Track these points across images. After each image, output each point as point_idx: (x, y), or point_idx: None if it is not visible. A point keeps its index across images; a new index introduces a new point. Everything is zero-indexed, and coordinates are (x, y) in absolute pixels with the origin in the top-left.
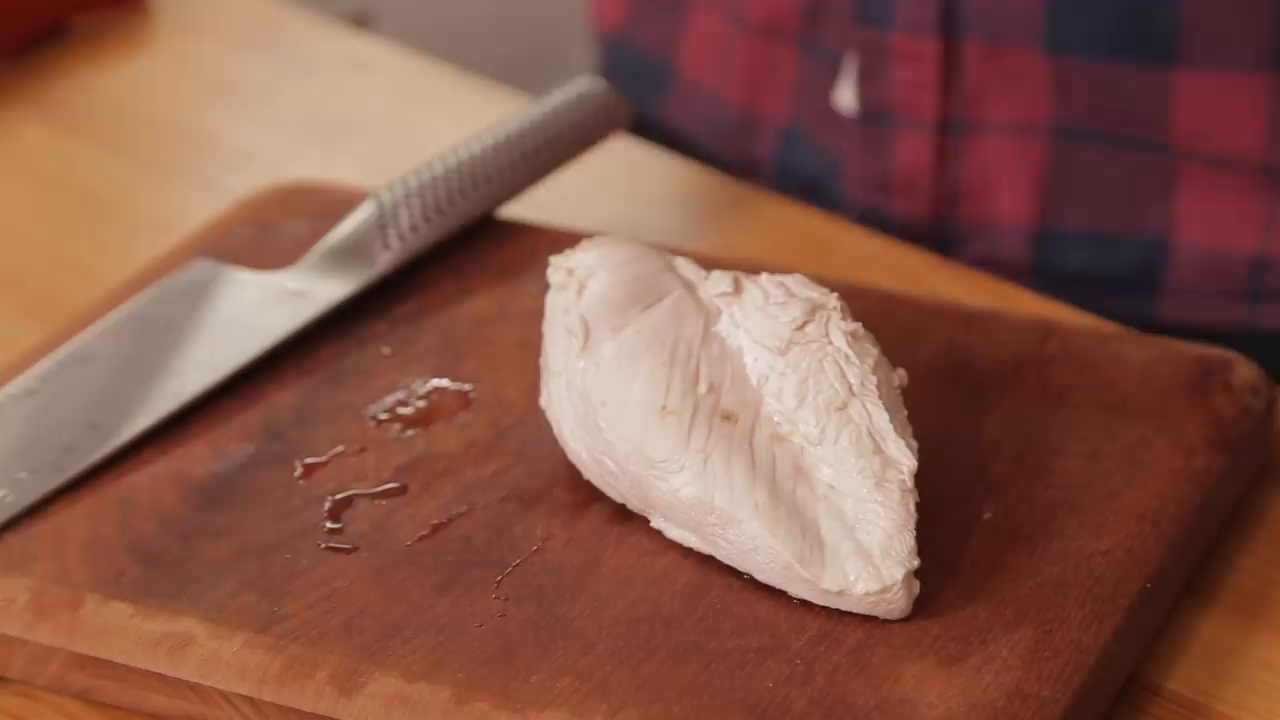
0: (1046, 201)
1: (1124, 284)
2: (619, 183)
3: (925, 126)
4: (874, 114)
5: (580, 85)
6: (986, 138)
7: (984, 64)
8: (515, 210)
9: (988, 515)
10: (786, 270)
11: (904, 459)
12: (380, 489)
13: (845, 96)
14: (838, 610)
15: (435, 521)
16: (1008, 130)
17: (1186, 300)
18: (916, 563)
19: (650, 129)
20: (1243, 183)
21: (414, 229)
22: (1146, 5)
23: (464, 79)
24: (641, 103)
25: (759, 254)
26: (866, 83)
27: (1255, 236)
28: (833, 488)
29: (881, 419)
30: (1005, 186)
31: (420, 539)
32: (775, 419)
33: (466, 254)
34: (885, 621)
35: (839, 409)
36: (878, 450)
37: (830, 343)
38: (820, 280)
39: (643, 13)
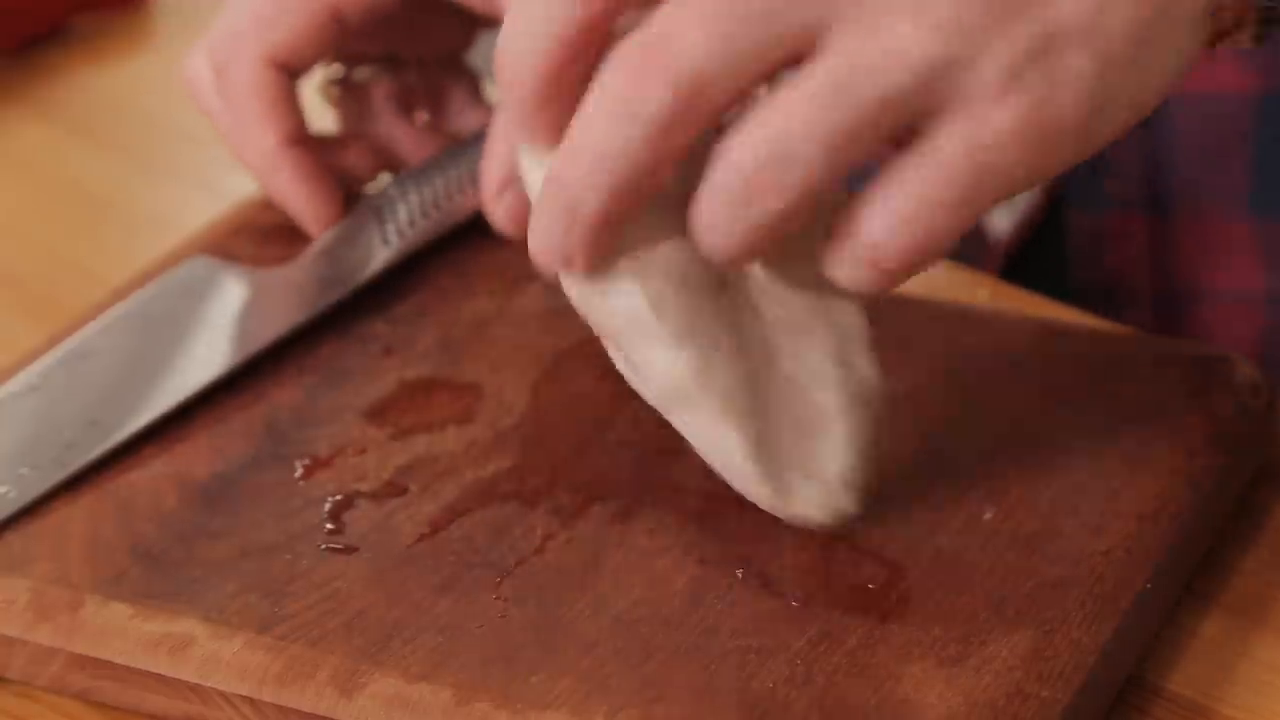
0: (1266, 364)
1: None
2: None
3: (1145, 301)
4: (1095, 290)
5: None
6: (1204, 307)
7: (1192, 234)
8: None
9: (988, 515)
10: None
11: (875, 378)
12: (381, 489)
13: (997, 221)
14: (838, 611)
15: (436, 522)
16: (1222, 298)
17: None
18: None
19: None
20: None
21: (412, 224)
22: None
23: None
24: None
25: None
26: (1080, 259)
27: None
28: (789, 380)
29: (860, 327)
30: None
31: (420, 539)
32: (751, 282)
33: (467, 253)
34: (886, 622)
35: (822, 299)
36: (848, 363)
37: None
38: None
39: None
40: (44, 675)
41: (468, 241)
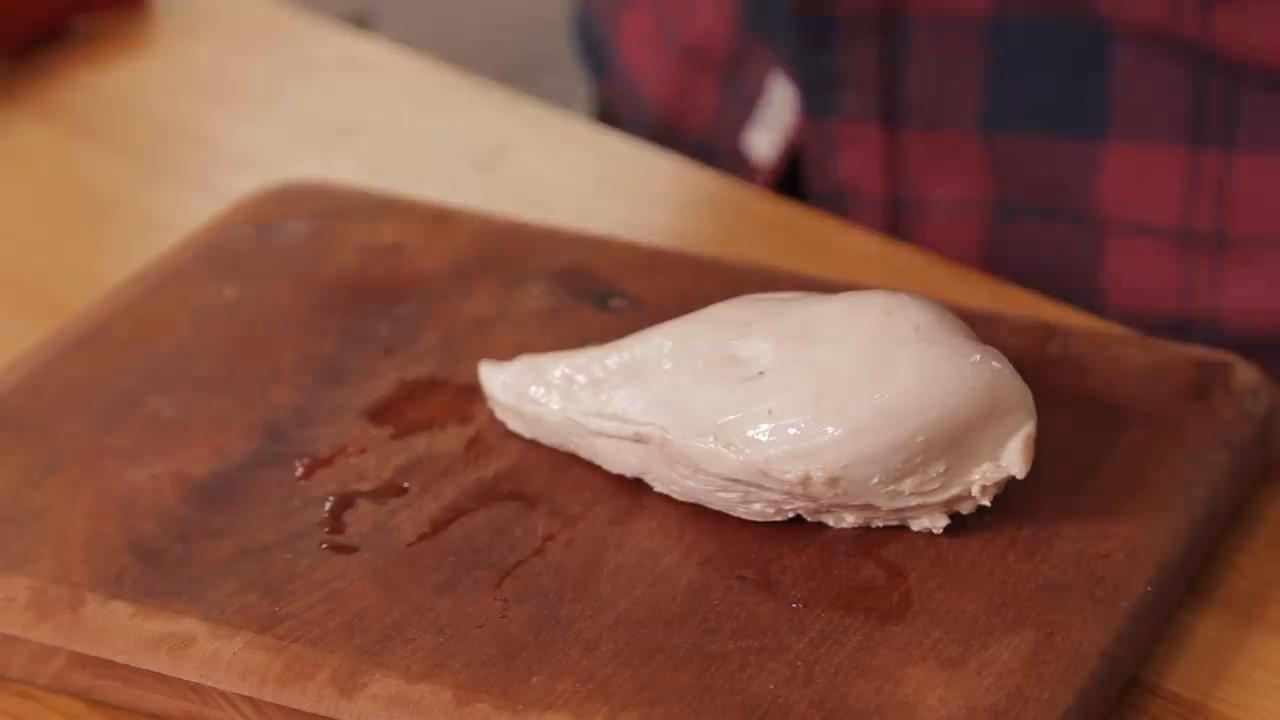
0: (987, 271)
1: None
2: (619, 183)
3: (875, 207)
4: (826, 194)
5: None
6: (931, 215)
7: (924, 145)
8: (515, 210)
9: (988, 518)
10: (786, 270)
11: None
12: (381, 489)
13: (758, 144)
14: (839, 612)
15: (436, 522)
16: (949, 207)
17: None
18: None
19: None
20: (1162, 247)
21: None
22: (1077, 84)
23: (464, 79)
24: (594, 78)
25: (759, 255)
26: (814, 168)
27: (1176, 298)
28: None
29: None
30: (949, 259)
31: (421, 539)
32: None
33: (466, 254)
34: (886, 624)
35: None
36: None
37: None
38: (820, 280)
39: None
40: (44, 674)
41: (468, 241)
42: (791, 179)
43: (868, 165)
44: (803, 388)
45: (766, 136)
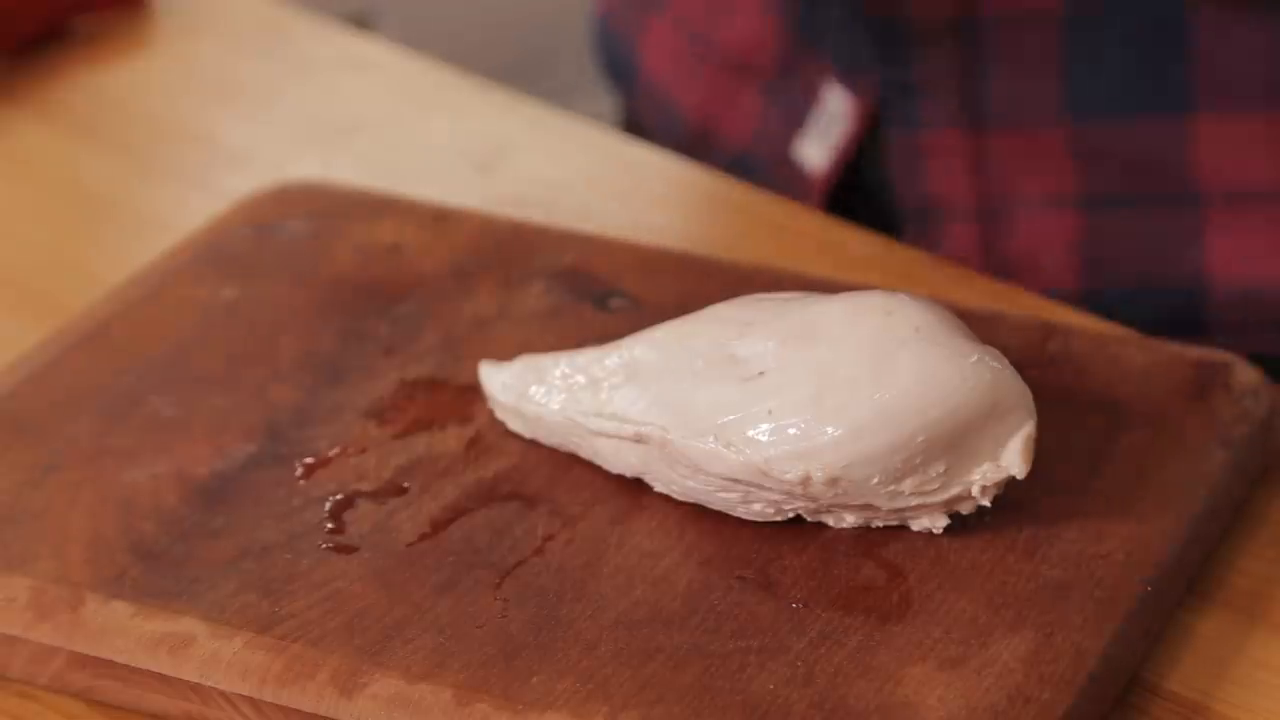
0: (1086, 265)
1: (1171, 327)
2: (619, 183)
3: (967, 216)
4: (912, 211)
5: None
6: (1024, 216)
7: (1010, 145)
8: (515, 210)
9: (988, 518)
10: (786, 271)
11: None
12: (381, 489)
13: (811, 154)
14: (839, 612)
15: (436, 522)
16: (1041, 205)
17: (1233, 336)
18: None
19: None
20: (1269, 215)
21: None
22: (1158, 59)
23: (464, 79)
24: (617, 89)
25: (759, 255)
26: (899, 184)
27: None
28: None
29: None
30: (1046, 258)
31: (421, 539)
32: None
33: (467, 254)
34: (886, 623)
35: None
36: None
37: None
38: (821, 281)
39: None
40: (44, 674)
41: (468, 241)
42: (843, 187)
43: (955, 173)
44: (803, 388)
45: (819, 146)
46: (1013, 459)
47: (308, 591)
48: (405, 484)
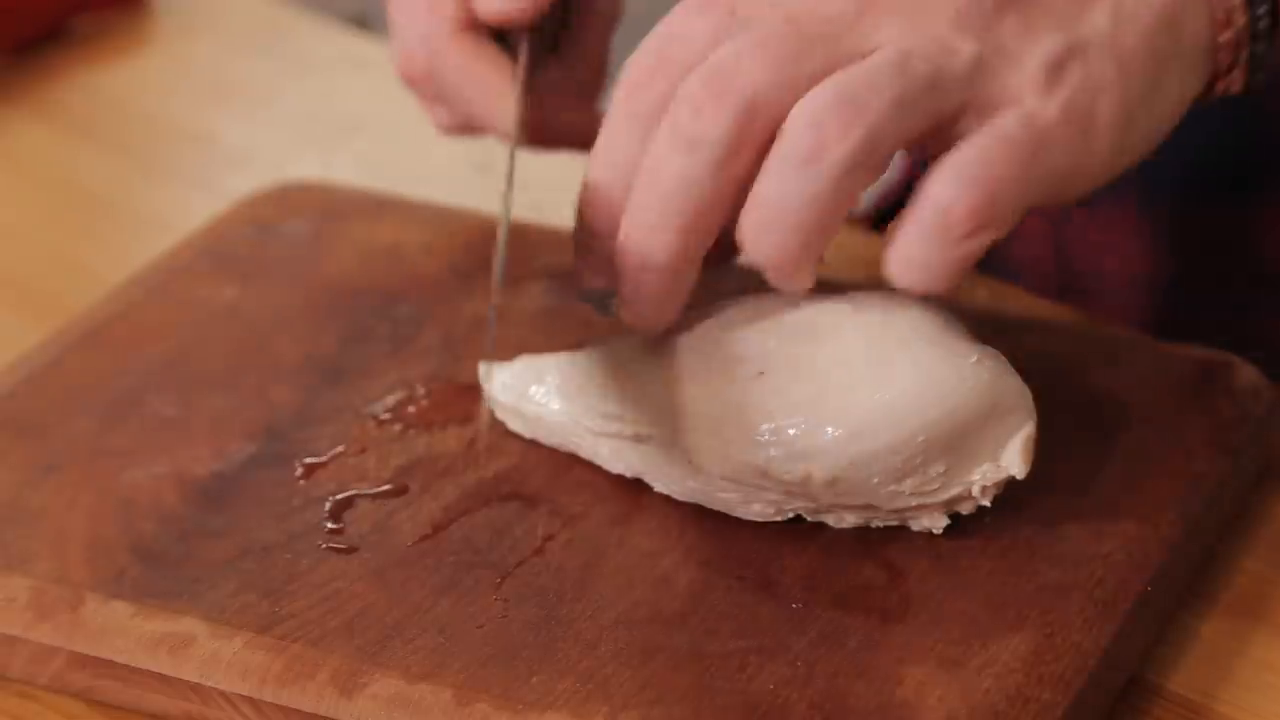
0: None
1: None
2: None
3: (1048, 285)
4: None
5: None
6: (1106, 288)
7: (1087, 223)
8: (515, 211)
9: (988, 519)
10: None
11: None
12: (381, 489)
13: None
14: (839, 612)
15: (436, 522)
16: (1118, 280)
17: None
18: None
19: None
20: None
21: None
22: (1227, 142)
23: None
24: None
25: None
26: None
27: None
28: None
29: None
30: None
31: (421, 539)
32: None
33: (466, 254)
34: (887, 624)
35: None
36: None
37: None
38: (821, 281)
39: None
40: (44, 674)
41: (468, 241)
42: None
43: (1037, 246)
44: (803, 388)
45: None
46: (1013, 459)
47: (308, 591)
48: (405, 484)
